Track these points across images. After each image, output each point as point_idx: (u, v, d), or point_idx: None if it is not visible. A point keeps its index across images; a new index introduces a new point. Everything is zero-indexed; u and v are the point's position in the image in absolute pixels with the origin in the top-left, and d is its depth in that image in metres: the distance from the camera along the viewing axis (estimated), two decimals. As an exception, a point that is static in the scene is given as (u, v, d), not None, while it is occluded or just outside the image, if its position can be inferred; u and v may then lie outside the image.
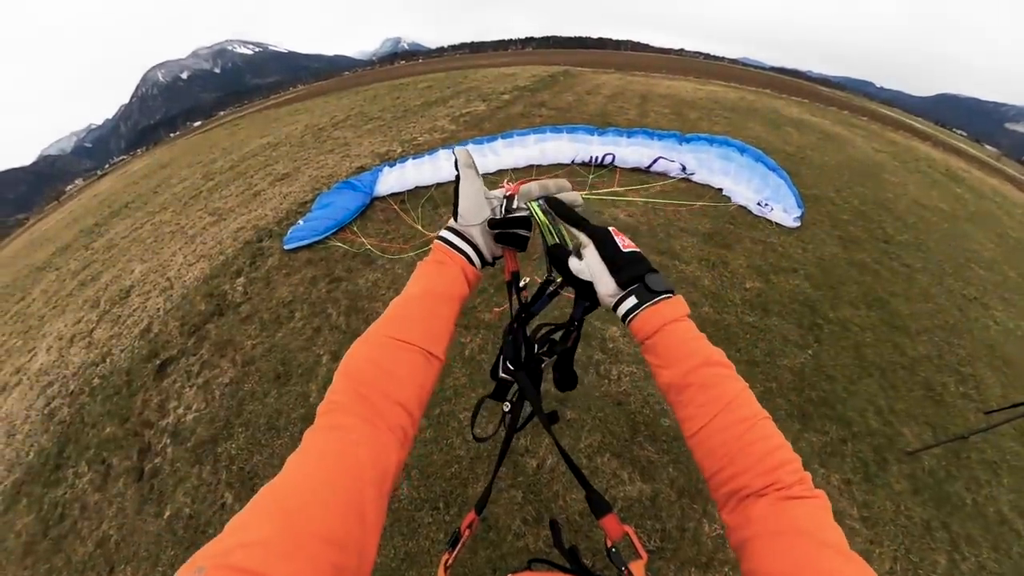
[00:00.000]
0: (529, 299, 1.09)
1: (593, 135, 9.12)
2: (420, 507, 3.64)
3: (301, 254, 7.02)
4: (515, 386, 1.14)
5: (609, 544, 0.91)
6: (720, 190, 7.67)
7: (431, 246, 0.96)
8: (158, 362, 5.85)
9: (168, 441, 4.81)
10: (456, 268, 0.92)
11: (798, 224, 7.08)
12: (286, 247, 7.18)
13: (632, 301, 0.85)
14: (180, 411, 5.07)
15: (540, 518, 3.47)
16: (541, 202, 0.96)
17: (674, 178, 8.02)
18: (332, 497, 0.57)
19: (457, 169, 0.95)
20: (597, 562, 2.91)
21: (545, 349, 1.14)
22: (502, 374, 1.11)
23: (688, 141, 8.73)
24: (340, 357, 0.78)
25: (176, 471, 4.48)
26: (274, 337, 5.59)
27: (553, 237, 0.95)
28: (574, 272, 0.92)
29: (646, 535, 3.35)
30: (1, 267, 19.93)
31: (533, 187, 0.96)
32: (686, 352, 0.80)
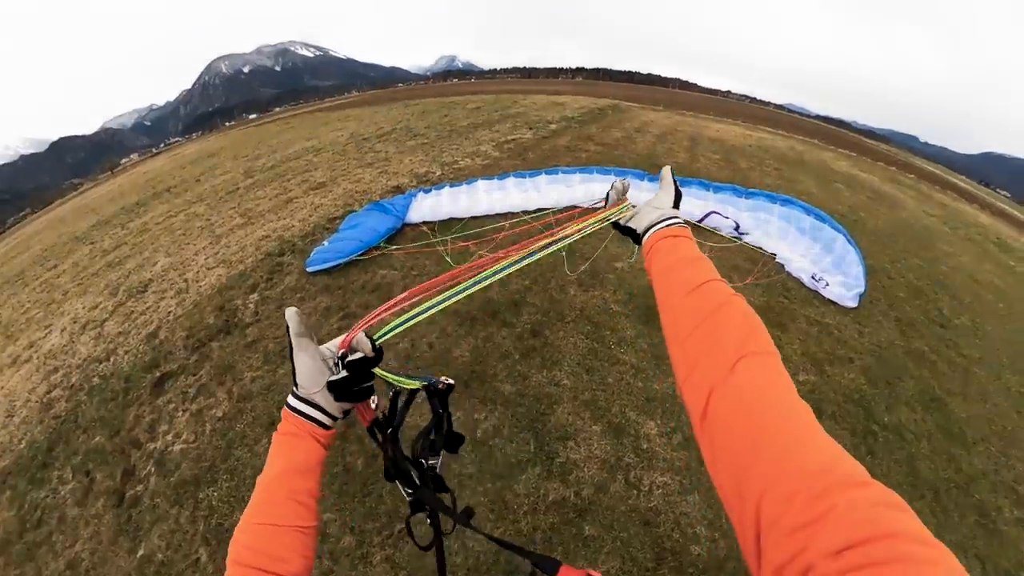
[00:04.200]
0: (385, 415, 1.09)
1: (643, 180, 8.63)
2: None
3: (319, 277, 6.75)
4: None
5: None
6: (774, 255, 7.11)
7: (281, 413, 0.95)
8: (158, 374, 5.71)
9: (153, 469, 4.57)
10: (308, 438, 0.93)
11: (855, 304, 6.53)
12: (308, 269, 6.89)
13: (660, 224, 1.13)
14: (169, 438, 4.85)
15: None
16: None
17: (726, 236, 7.49)
18: None
19: (289, 336, 0.95)
20: None
21: (428, 451, 1.12)
22: (408, 499, 1.10)
23: (750, 196, 8.15)
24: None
25: (155, 507, 4.22)
26: (275, 373, 5.30)
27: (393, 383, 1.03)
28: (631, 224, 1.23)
29: None
30: (47, 228, 20.71)
31: (362, 338, 0.96)
32: (687, 248, 1.03)
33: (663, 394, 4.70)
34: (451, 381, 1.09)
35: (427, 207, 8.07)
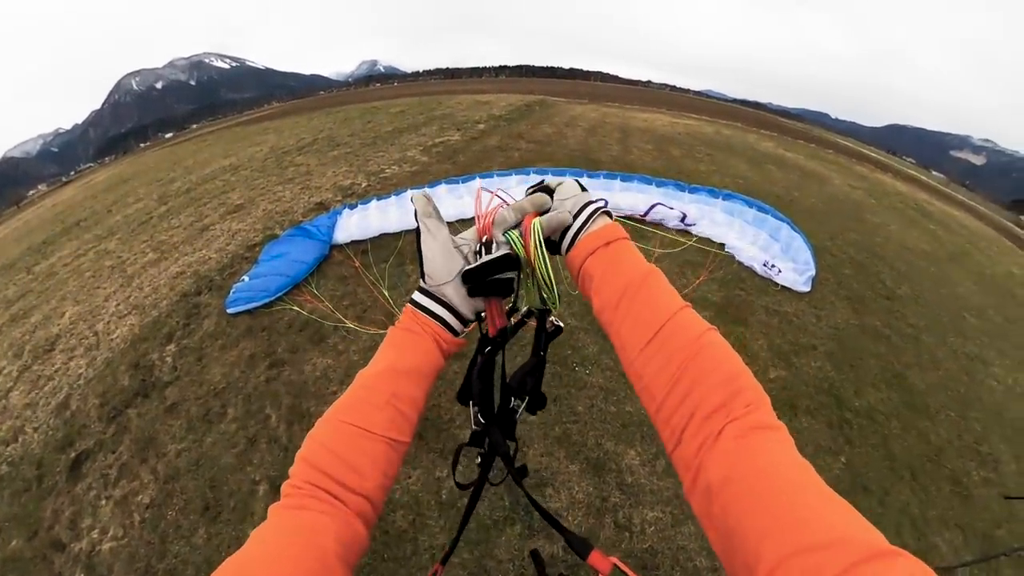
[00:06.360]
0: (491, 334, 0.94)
1: (583, 177, 8.41)
2: None
3: (241, 318, 6.01)
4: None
5: None
6: (723, 245, 7.07)
7: (402, 309, 0.84)
8: (73, 455, 4.91)
9: (83, 578, 3.86)
10: (428, 339, 0.80)
11: (808, 288, 6.55)
12: (229, 310, 6.12)
13: (580, 220, 0.84)
14: (95, 535, 4.10)
15: None
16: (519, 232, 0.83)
17: (672, 228, 7.42)
18: (294, 570, 0.55)
19: (417, 220, 0.85)
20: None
21: (519, 391, 1.03)
22: (474, 427, 1.02)
23: (693, 191, 8.25)
24: (279, 485, 0.65)
25: (94, 631, 3.50)
26: (202, 443, 4.62)
27: (544, 265, 0.82)
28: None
29: None
30: (-55, 280, 18.46)
31: (507, 214, 0.84)
32: (636, 261, 0.78)
33: (639, 416, 4.39)
34: (561, 324, 1.01)
35: (354, 225, 7.41)
